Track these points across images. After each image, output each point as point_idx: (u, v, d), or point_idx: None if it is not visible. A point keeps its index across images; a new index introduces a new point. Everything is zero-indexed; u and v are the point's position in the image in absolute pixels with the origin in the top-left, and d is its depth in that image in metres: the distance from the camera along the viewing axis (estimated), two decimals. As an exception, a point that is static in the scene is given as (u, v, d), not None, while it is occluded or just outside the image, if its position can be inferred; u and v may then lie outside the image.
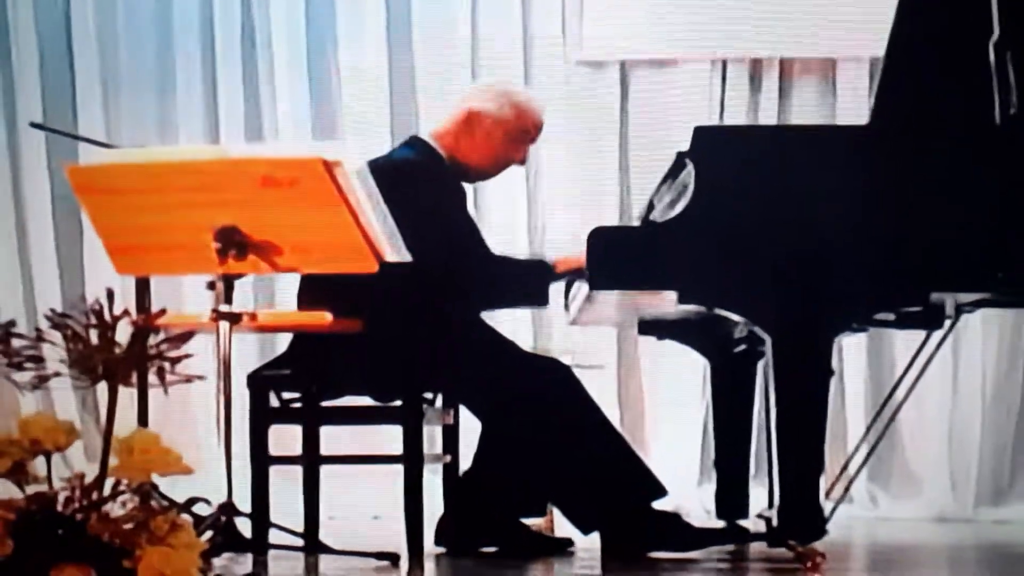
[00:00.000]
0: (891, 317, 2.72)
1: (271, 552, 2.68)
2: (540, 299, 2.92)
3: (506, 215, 4.18)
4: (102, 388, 1.84)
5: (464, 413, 3.01)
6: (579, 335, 3.95)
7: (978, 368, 4.08)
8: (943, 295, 2.72)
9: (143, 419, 3.06)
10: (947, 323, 2.82)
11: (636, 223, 3.31)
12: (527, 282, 2.89)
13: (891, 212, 2.63)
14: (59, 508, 1.77)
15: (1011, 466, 4.08)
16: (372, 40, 4.21)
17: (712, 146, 2.68)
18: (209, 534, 2.54)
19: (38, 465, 1.82)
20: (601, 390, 3.64)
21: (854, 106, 4.05)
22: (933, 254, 2.63)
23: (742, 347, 3.18)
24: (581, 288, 2.98)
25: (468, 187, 4.27)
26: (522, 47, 4.19)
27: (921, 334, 2.93)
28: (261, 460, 2.83)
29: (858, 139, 2.72)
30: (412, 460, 2.81)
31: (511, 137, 2.93)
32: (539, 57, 4.19)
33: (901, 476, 4.11)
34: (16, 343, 1.81)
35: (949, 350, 3.87)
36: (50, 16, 4.22)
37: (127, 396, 2.00)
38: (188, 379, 1.85)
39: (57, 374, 1.82)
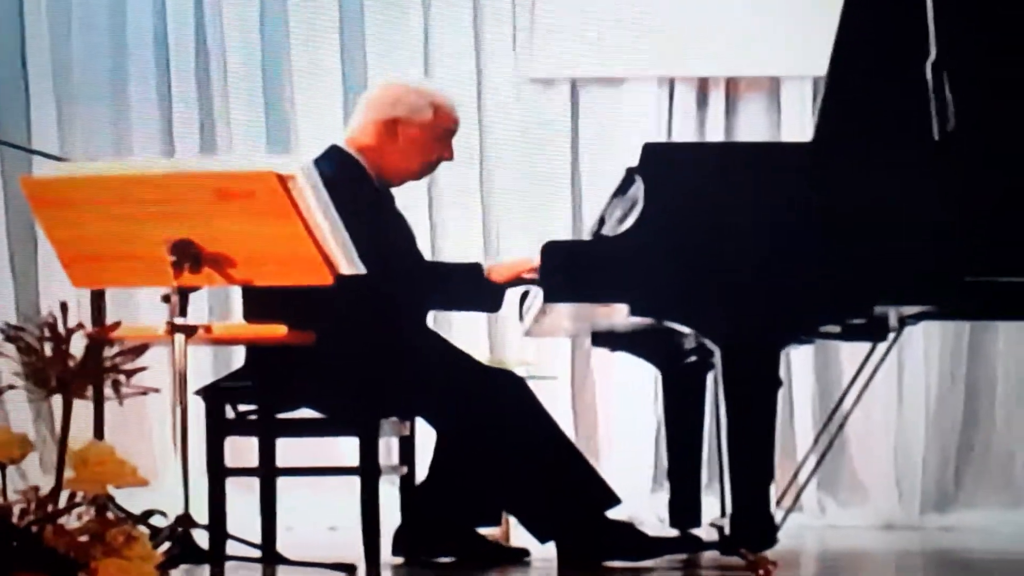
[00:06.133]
0: (837, 329, 2.78)
1: (228, 564, 2.68)
2: (488, 301, 2.90)
3: (460, 229, 4.21)
4: (57, 400, 1.85)
5: (420, 424, 3.04)
6: (533, 346, 3.99)
7: (922, 379, 4.16)
8: (887, 308, 2.78)
9: (98, 431, 3.05)
10: (891, 335, 2.90)
11: (588, 238, 3.36)
12: (463, 285, 2.91)
13: (835, 227, 2.69)
14: (14, 520, 1.78)
15: (955, 474, 4.16)
16: (326, 55, 4.24)
17: (660, 162, 2.73)
18: (166, 546, 2.54)
19: (-7, 477, 1.83)
20: (555, 401, 3.68)
21: (798, 123, 4.14)
22: (876, 268, 2.68)
23: (692, 358, 3.23)
24: (535, 300, 3.02)
25: (423, 201, 4.30)
26: (474, 64, 4.24)
27: (866, 346, 2.99)
28: (217, 472, 2.83)
29: (802, 155, 2.78)
30: (368, 471, 2.83)
31: (436, 138, 2.92)
32: (491, 75, 4.24)
33: (849, 485, 4.18)
34: (-29, 356, 1.81)
35: (894, 362, 3.95)
36: (3, 29, 4.20)
37: (82, 408, 2.01)
38: (143, 391, 1.87)
39: (11, 387, 1.83)
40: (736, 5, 4.15)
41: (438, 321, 3.49)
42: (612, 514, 2.88)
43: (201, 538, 2.64)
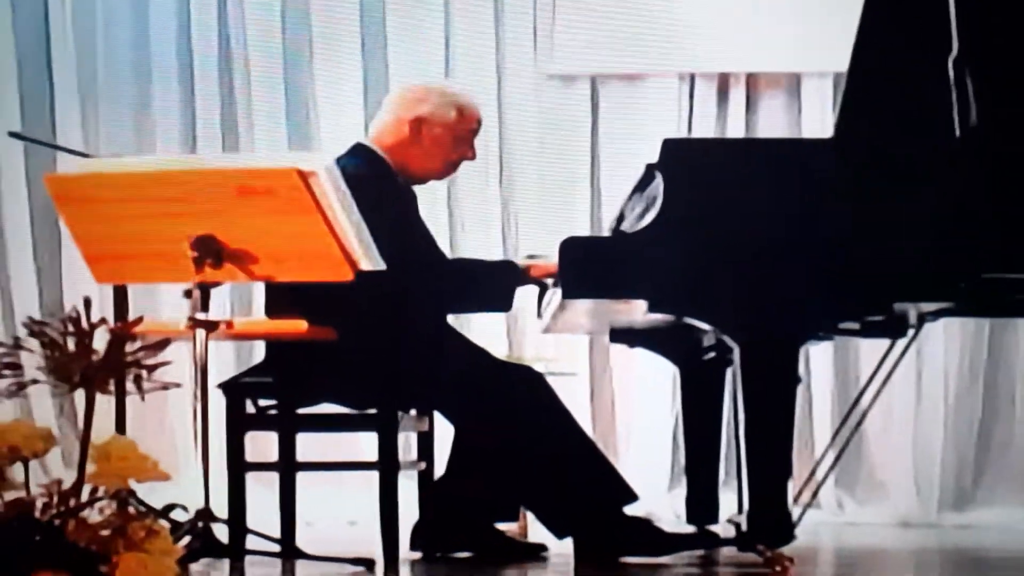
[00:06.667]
0: (856, 326, 2.78)
1: (248, 558, 2.70)
2: (505, 301, 2.94)
3: (479, 226, 4.22)
4: (80, 395, 1.87)
5: (439, 420, 3.05)
6: (552, 343, 4.00)
7: (941, 376, 4.14)
8: (906, 305, 2.77)
9: (120, 426, 3.08)
10: (910, 332, 2.89)
11: (607, 234, 3.36)
12: (492, 283, 2.92)
13: (854, 223, 2.69)
14: (37, 514, 1.80)
15: (973, 472, 4.15)
16: (346, 53, 4.25)
17: (680, 158, 2.73)
18: (186, 540, 2.56)
19: (16, 471, 1.85)
20: (573, 397, 3.68)
21: (819, 120, 4.12)
22: (896, 264, 2.68)
23: (711, 355, 3.23)
24: (554, 297, 3.03)
25: (442, 197, 4.31)
26: (494, 61, 4.24)
27: (886, 342, 2.99)
28: (238, 467, 2.85)
29: (822, 152, 2.77)
30: (387, 466, 2.84)
31: (459, 138, 2.95)
32: (511, 71, 4.24)
33: (867, 482, 4.17)
34: (-5, 351, 1.83)
35: (913, 358, 3.94)
36: (29, 28, 4.24)
37: (104, 403, 2.03)
38: (165, 386, 1.89)
39: (35, 381, 1.85)
40: (757, 1, 4.14)
41: (457, 317, 3.50)
42: (629, 510, 2.89)
43: (221, 532, 2.66)
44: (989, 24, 2.72)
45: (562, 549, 2.92)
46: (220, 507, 2.70)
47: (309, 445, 3.02)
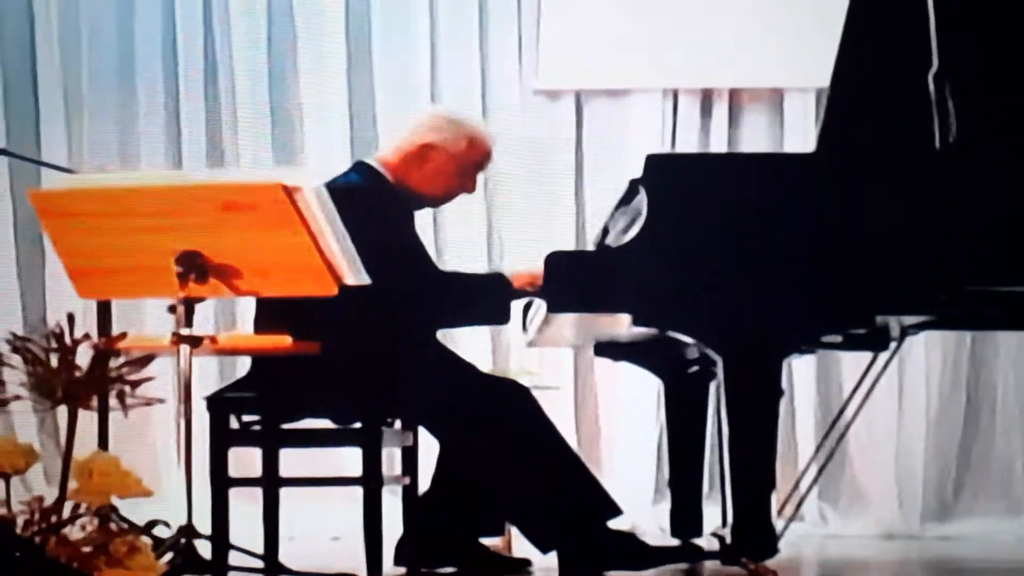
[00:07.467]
0: (838, 339, 2.80)
1: (231, 574, 2.69)
2: (500, 314, 2.96)
3: (464, 241, 4.23)
4: (62, 411, 1.87)
5: (423, 434, 3.05)
6: (536, 357, 4.01)
7: (922, 388, 4.18)
8: (888, 318, 2.80)
9: (103, 442, 3.06)
10: (892, 345, 2.91)
11: (591, 248, 3.37)
12: (486, 296, 2.93)
13: (837, 237, 2.71)
14: (18, 531, 1.79)
15: (955, 484, 4.18)
16: (332, 67, 4.26)
17: (664, 173, 2.75)
18: (168, 556, 2.55)
19: (-2, 488, 1.84)
20: (558, 411, 3.68)
21: (801, 134, 4.16)
22: (877, 277, 2.70)
23: (695, 368, 3.24)
24: (538, 310, 3.04)
25: (426, 213, 4.33)
26: (480, 76, 4.26)
27: (868, 356, 3.00)
28: (221, 482, 2.84)
29: (805, 167, 2.80)
30: (371, 482, 2.84)
31: (463, 170, 2.98)
32: (496, 86, 4.27)
33: (850, 494, 4.19)
34: (-23, 367, 1.83)
35: (895, 371, 3.97)
36: (14, 43, 4.24)
37: (87, 419, 2.02)
38: (148, 402, 1.88)
39: (17, 397, 1.85)
40: (740, 17, 4.17)
41: (442, 331, 3.51)
42: (614, 524, 2.89)
43: (204, 548, 2.65)
44: (969, 39, 2.75)
45: (547, 564, 2.92)
46: (203, 523, 2.69)
47: (292, 460, 3.02)
